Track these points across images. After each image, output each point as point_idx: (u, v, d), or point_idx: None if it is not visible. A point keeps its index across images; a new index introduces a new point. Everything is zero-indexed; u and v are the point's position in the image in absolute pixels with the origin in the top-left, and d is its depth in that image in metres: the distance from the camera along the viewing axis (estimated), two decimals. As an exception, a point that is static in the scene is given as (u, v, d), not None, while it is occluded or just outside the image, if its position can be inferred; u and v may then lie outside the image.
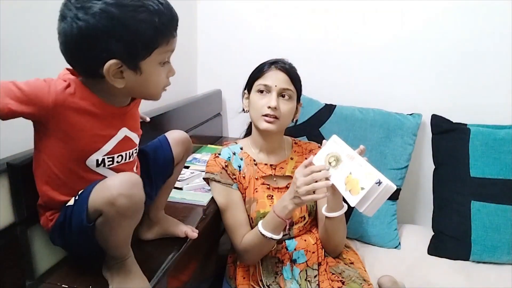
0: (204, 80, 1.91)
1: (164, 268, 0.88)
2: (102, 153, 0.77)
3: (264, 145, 1.25)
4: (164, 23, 0.71)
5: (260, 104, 1.17)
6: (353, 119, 1.60)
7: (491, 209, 1.43)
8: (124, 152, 0.82)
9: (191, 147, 1.00)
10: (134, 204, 0.69)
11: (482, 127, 1.53)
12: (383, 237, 1.52)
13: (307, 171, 1.01)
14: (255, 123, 1.21)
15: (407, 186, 1.66)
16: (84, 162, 0.76)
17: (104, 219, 0.70)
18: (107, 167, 0.79)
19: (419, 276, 1.36)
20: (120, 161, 0.81)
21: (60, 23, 0.69)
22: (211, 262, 1.29)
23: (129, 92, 0.78)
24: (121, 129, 0.80)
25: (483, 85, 1.62)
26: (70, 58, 0.72)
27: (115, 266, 0.78)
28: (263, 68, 1.20)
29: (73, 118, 0.72)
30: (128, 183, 0.68)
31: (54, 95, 0.69)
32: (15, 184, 0.79)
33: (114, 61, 0.69)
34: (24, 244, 0.81)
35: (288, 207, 1.04)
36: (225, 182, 1.19)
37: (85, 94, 0.73)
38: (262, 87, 1.18)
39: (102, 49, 0.68)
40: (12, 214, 0.78)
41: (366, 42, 1.70)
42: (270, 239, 1.08)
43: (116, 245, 0.76)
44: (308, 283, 1.16)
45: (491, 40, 1.57)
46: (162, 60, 0.76)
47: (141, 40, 0.70)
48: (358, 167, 0.96)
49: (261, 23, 1.80)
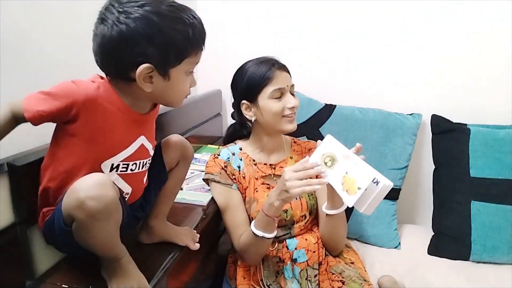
0: (204, 80, 1.91)
1: (164, 268, 0.88)
2: (119, 158, 0.79)
3: (264, 146, 1.25)
4: (196, 35, 0.76)
5: (279, 108, 1.15)
6: (353, 119, 1.60)
7: (491, 209, 1.43)
8: (139, 160, 0.83)
9: (189, 151, 0.98)
10: (105, 206, 0.67)
11: (482, 127, 1.53)
12: (383, 237, 1.52)
13: (299, 167, 1.00)
14: (274, 128, 1.19)
15: (407, 186, 1.66)
16: (99, 165, 0.77)
17: (77, 223, 0.69)
18: (119, 172, 0.80)
19: (419, 276, 1.36)
20: (133, 170, 0.83)
21: (99, 25, 0.73)
22: (211, 262, 1.29)
23: (154, 97, 0.80)
24: (140, 137, 0.82)
25: (483, 85, 1.62)
26: (104, 59, 0.75)
27: (110, 267, 0.78)
28: (265, 74, 1.15)
29: (99, 119, 0.74)
30: (95, 185, 0.67)
31: (84, 92, 0.71)
32: (15, 184, 0.79)
33: (147, 65, 0.72)
34: (24, 244, 0.81)
35: (274, 204, 1.03)
36: (225, 182, 1.19)
37: (112, 98, 0.76)
38: (278, 93, 1.16)
39: (139, 53, 0.72)
40: (12, 214, 0.79)
41: (366, 42, 1.70)
42: (262, 238, 1.07)
43: (100, 247, 0.75)
44: (308, 282, 1.16)
45: (491, 40, 1.57)
46: (189, 70, 0.80)
47: (174, 48, 0.74)
48: (354, 166, 0.95)
49: (261, 23, 1.79)
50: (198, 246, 0.98)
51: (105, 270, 0.80)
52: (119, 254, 0.78)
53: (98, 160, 0.77)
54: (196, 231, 1.03)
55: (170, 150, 0.95)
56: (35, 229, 0.83)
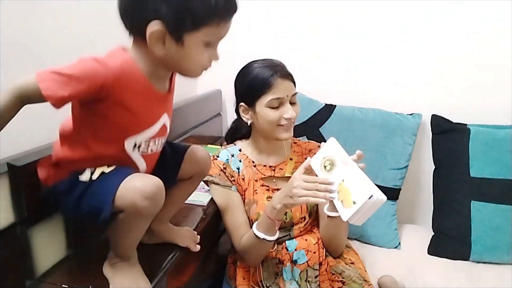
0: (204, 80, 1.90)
1: (164, 268, 0.88)
2: (143, 137, 0.77)
3: (266, 148, 1.24)
4: (219, 4, 0.70)
5: (275, 117, 1.13)
6: (353, 119, 1.60)
7: (491, 209, 1.43)
8: (159, 138, 0.82)
9: (207, 169, 0.96)
10: (156, 207, 0.72)
11: (482, 127, 1.53)
12: (383, 237, 1.52)
13: (311, 179, 0.99)
14: (269, 135, 1.18)
15: (407, 186, 1.66)
16: (123, 142, 0.75)
17: (126, 216, 0.72)
18: (140, 152, 0.79)
19: (419, 276, 1.36)
20: (153, 150, 0.81)
21: None
22: (211, 262, 1.29)
23: (168, 63, 0.75)
24: (163, 115, 0.80)
25: (483, 85, 1.62)
26: (122, 12, 0.72)
27: (117, 265, 0.78)
28: (266, 81, 1.13)
29: (126, 98, 0.72)
30: (154, 187, 0.70)
31: (111, 72, 0.68)
32: (15, 184, 0.78)
33: (158, 23, 0.68)
34: (24, 244, 0.81)
35: (276, 206, 1.03)
36: (224, 184, 1.19)
37: (136, 75, 0.73)
38: (276, 103, 1.13)
39: (152, 8, 0.68)
40: (12, 214, 0.78)
41: (366, 42, 1.70)
42: (263, 240, 1.07)
43: (129, 244, 0.78)
44: (308, 283, 1.16)
45: (491, 40, 1.57)
46: (208, 41, 0.74)
47: (191, 12, 0.69)
48: (352, 175, 0.94)
49: (261, 23, 1.80)
50: (199, 247, 0.98)
51: (110, 267, 0.80)
52: (131, 254, 0.79)
53: (121, 137, 0.75)
54: (196, 231, 1.03)
55: (193, 162, 0.91)
56: (35, 229, 0.83)
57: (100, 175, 0.74)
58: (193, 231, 1.02)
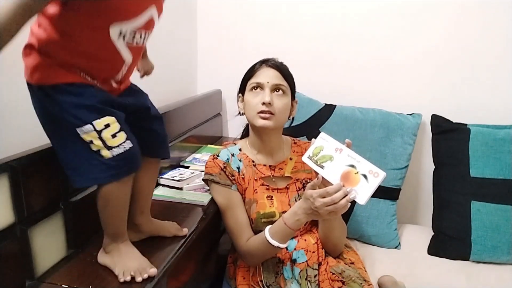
0: (204, 80, 1.91)
1: (164, 268, 0.88)
2: (129, 26, 0.76)
3: (262, 146, 1.25)
4: None
5: (254, 102, 1.17)
6: (353, 119, 1.60)
7: (491, 209, 1.43)
8: (146, 32, 0.81)
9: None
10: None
11: (482, 127, 1.53)
12: (383, 237, 1.52)
13: (323, 193, 0.98)
14: (251, 123, 1.21)
15: (407, 186, 1.66)
16: (107, 29, 0.74)
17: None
18: (125, 43, 0.78)
19: (419, 276, 1.36)
20: (138, 43, 0.81)
21: None
22: (211, 262, 1.29)
23: None
24: (151, 7, 0.79)
25: (483, 85, 1.62)
26: None
27: (114, 250, 0.80)
28: (253, 67, 1.21)
29: None
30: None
31: None
32: (15, 184, 0.78)
33: None
34: (24, 244, 0.81)
35: (301, 220, 1.05)
36: (224, 183, 1.19)
37: None
38: (255, 85, 1.18)
39: None
40: (12, 214, 0.78)
41: (366, 42, 1.70)
42: (277, 247, 1.09)
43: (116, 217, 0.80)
44: (308, 282, 1.16)
45: (491, 40, 1.57)
46: None
47: None
48: (350, 159, 0.99)
49: (261, 23, 1.80)
50: (186, 230, 0.99)
51: (107, 254, 0.81)
52: (123, 236, 0.80)
53: (107, 22, 0.74)
54: (196, 231, 1.03)
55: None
56: (35, 229, 0.83)
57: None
58: (176, 224, 1.03)
